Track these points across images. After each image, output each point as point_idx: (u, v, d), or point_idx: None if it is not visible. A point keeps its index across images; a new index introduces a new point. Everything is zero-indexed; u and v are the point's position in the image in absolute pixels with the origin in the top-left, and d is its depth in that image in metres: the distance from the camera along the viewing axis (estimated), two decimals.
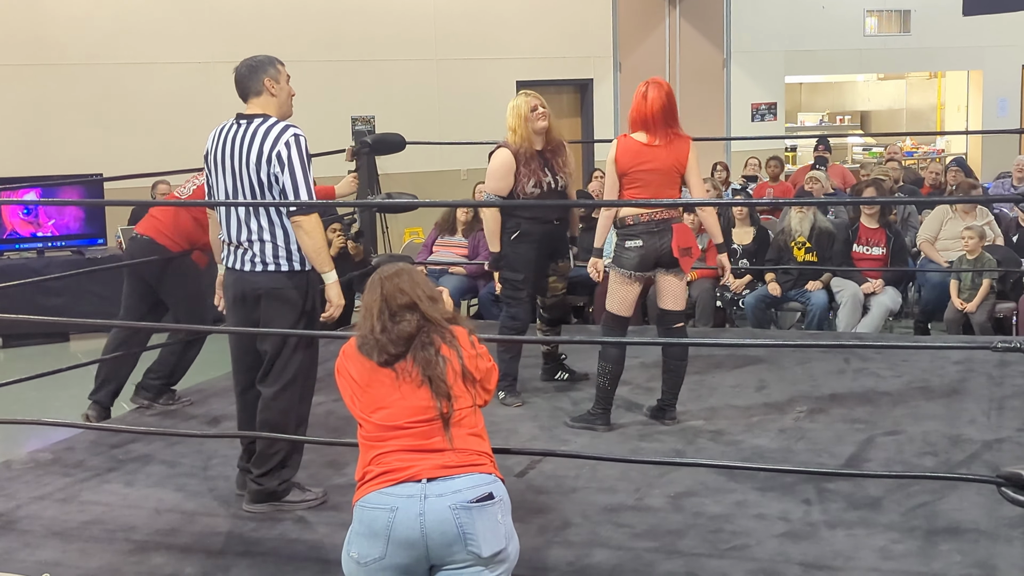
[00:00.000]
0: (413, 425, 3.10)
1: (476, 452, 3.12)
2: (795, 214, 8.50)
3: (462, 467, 3.06)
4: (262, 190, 4.41)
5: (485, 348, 3.32)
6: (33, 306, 8.04)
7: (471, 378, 3.20)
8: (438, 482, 3.01)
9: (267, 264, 4.46)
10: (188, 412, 6.19)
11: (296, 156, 4.36)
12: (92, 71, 11.75)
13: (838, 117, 19.05)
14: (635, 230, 5.44)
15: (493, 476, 3.11)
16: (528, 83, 14.26)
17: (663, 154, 5.38)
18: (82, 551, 4.27)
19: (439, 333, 3.20)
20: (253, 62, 4.55)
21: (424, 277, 3.32)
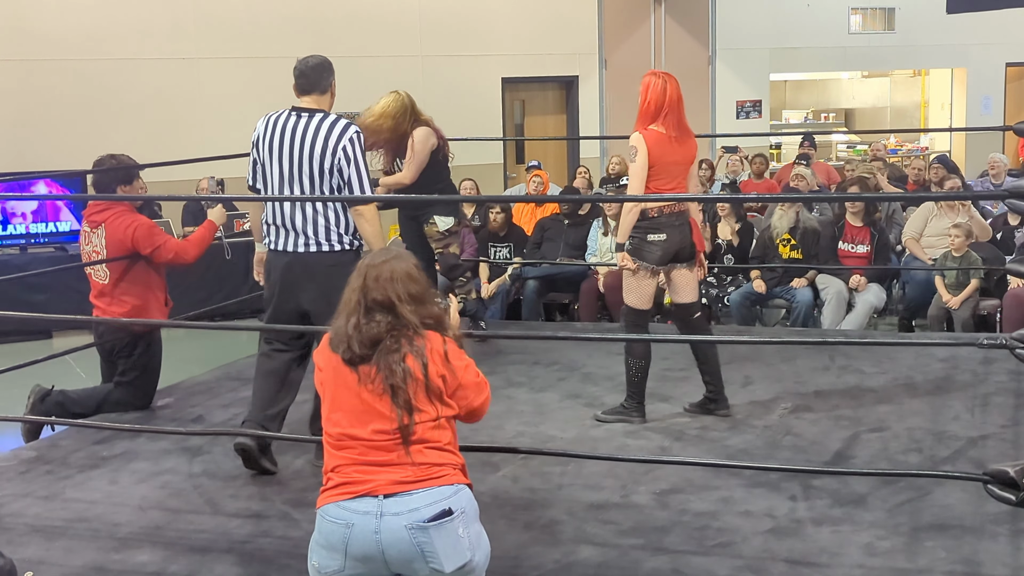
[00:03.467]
0: (372, 437, 2.96)
1: (436, 464, 2.98)
2: (778, 210, 8.51)
3: (420, 482, 2.93)
4: (321, 178, 4.76)
5: (468, 361, 3.11)
6: (15, 303, 8.01)
7: (436, 392, 2.99)
8: (395, 499, 2.91)
9: (321, 245, 4.82)
10: (172, 410, 6.16)
11: (359, 152, 4.80)
12: (76, 66, 11.69)
13: (823, 115, 19.10)
14: (658, 223, 5.39)
15: (455, 487, 2.98)
16: (513, 80, 14.27)
17: (680, 147, 5.38)
18: (66, 549, 4.25)
19: (407, 339, 2.99)
20: (324, 61, 4.92)
21: (414, 271, 3.09)
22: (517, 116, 14.83)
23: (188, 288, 9.67)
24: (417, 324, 3.01)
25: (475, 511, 3.05)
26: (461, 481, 3.03)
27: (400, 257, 3.12)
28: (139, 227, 5.88)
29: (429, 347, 3.01)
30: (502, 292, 8.84)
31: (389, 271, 3.05)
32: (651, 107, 5.35)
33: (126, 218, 5.89)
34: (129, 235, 5.85)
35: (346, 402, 3.01)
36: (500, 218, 9.17)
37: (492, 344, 7.30)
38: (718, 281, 8.88)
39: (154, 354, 6.11)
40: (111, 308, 5.95)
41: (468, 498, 3.02)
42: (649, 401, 5.94)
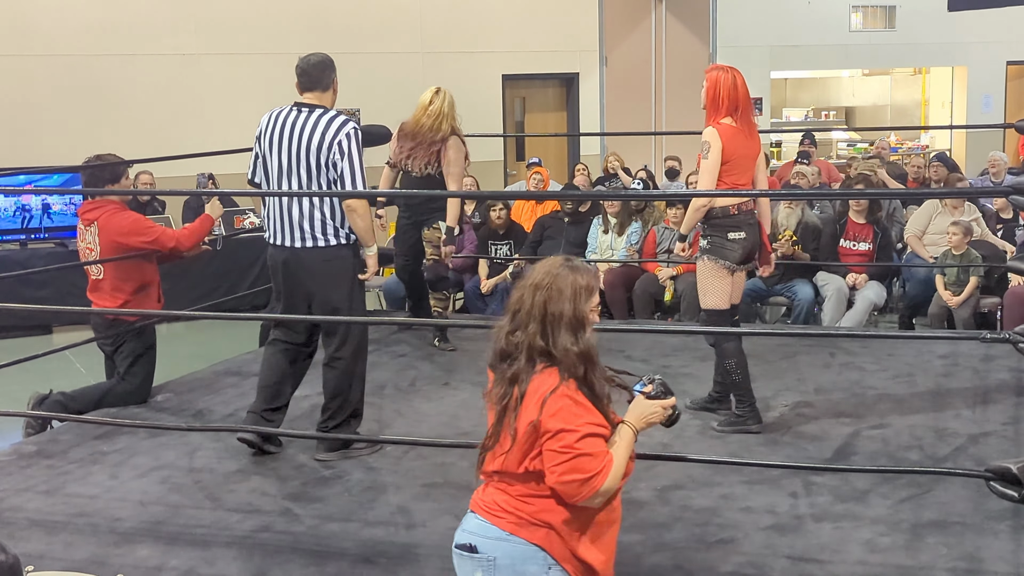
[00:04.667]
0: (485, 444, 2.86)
1: (500, 503, 2.79)
2: (783, 209, 8.50)
3: (483, 509, 2.83)
4: (318, 172, 4.82)
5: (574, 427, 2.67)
6: (16, 298, 8.00)
7: (513, 433, 2.72)
8: (468, 515, 2.88)
9: (317, 240, 4.89)
10: (172, 405, 6.15)
11: (355, 147, 4.83)
12: (75, 62, 11.69)
13: (823, 113, 19.08)
14: (738, 220, 5.23)
15: (504, 535, 2.76)
16: (514, 77, 14.27)
17: (750, 140, 5.26)
18: (67, 543, 4.24)
19: (529, 366, 2.74)
20: (325, 58, 4.99)
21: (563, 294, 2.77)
22: (517, 113, 14.82)
23: (187, 285, 9.68)
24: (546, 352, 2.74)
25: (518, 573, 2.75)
26: (517, 534, 2.76)
27: (583, 271, 2.84)
28: (132, 222, 5.96)
29: (536, 384, 2.73)
30: (502, 289, 8.83)
31: (543, 292, 2.78)
32: (725, 101, 5.19)
33: (118, 215, 5.96)
34: (123, 230, 5.90)
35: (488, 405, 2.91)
36: (502, 215, 9.16)
37: None
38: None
39: (147, 347, 6.11)
40: (103, 303, 6.00)
41: (510, 554, 2.75)
42: None
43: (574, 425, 2.67)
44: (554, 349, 2.73)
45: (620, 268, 8.74)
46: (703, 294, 5.37)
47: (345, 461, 5.04)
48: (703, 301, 5.39)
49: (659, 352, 6.89)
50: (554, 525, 2.74)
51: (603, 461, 2.69)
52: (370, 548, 4.11)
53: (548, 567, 2.74)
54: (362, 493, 4.67)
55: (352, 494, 4.66)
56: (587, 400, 2.73)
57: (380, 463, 5.02)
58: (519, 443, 2.71)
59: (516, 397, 2.72)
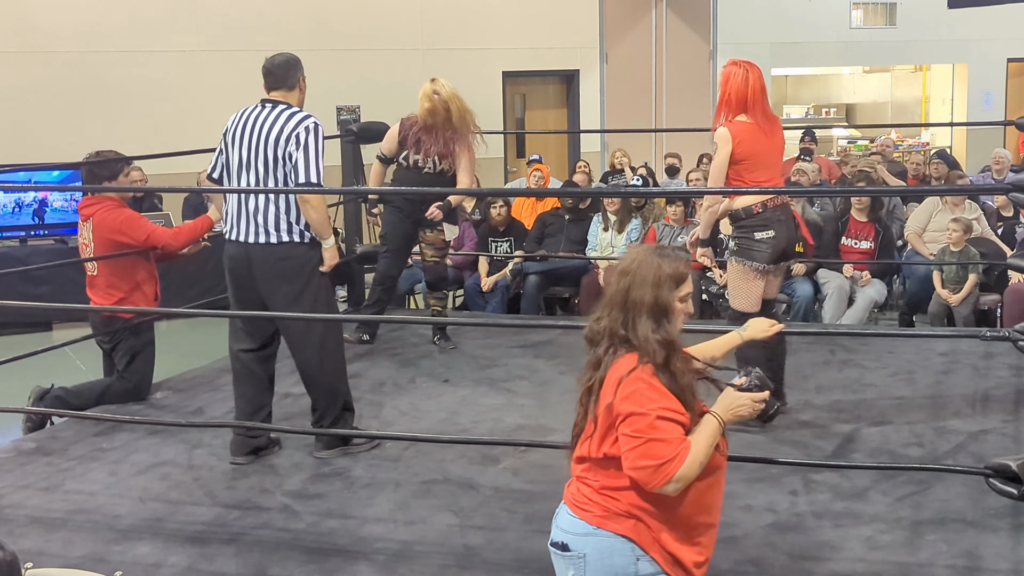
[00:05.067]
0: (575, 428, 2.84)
1: (588, 497, 2.73)
2: None
3: (572, 504, 2.77)
4: (275, 165, 4.78)
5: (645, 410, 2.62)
6: (16, 295, 7.98)
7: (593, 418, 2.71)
8: (560, 510, 2.83)
9: (270, 235, 4.81)
10: (172, 402, 6.15)
11: (312, 139, 4.77)
12: (75, 59, 11.68)
13: (823, 110, 19.08)
14: (765, 219, 5.08)
15: (590, 528, 2.70)
16: (514, 73, 14.26)
17: (770, 136, 5.12)
18: (66, 540, 4.24)
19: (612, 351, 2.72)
20: (290, 58, 4.99)
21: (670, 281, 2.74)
22: (518, 110, 14.81)
23: (186, 282, 9.66)
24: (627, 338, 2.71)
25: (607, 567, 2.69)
26: (603, 527, 2.70)
27: (671, 258, 2.78)
28: (126, 220, 5.97)
29: (615, 368, 2.70)
30: (502, 287, 8.83)
31: (625, 280, 2.74)
32: (733, 98, 5.07)
33: (113, 212, 5.97)
34: (116, 227, 5.92)
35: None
36: (502, 213, 9.15)
37: (494, 337, 7.29)
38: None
39: (145, 344, 6.11)
40: (98, 300, 6.01)
41: (598, 548, 2.69)
42: None
43: (645, 408, 2.62)
44: (633, 336, 2.69)
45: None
46: (732, 296, 5.29)
47: (344, 458, 5.03)
48: (732, 303, 5.30)
49: None
50: (641, 516, 2.68)
51: (677, 447, 2.60)
52: (369, 545, 4.11)
53: (636, 558, 2.68)
54: (361, 490, 4.67)
55: (351, 491, 4.66)
56: (663, 385, 2.66)
57: (379, 460, 5.02)
58: (600, 427, 2.69)
59: (597, 381, 2.70)
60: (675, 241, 8.77)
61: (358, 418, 5.31)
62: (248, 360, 5.05)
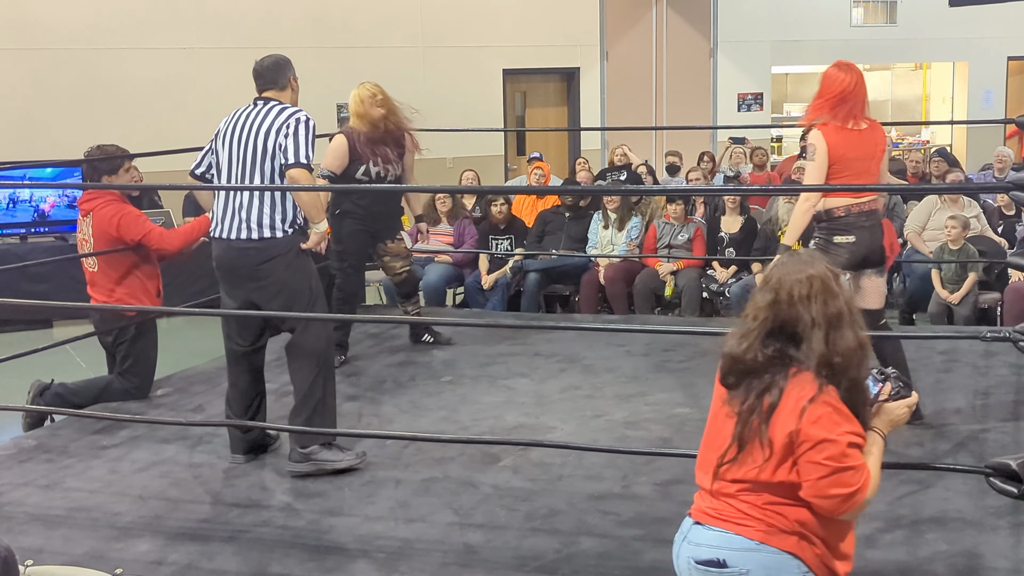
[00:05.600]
0: (709, 459, 2.73)
1: (745, 512, 2.64)
2: (783, 204, 8.49)
3: (720, 520, 2.67)
4: (263, 158, 4.74)
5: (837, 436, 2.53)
6: (16, 292, 8.00)
7: (769, 444, 2.58)
8: (697, 528, 2.72)
9: (252, 231, 4.73)
10: (172, 399, 6.15)
11: (303, 129, 4.74)
12: (76, 56, 11.68)
13: None
14: (845, 223, 4.95)
15: (753, 544, 2.62)
16: (514, 71, 14.26)
17: (867, 140, 4.99)
18: (66, 538, 4.24)
19: (782, 375, 2.59)
20: (279, 59, 4.97)
21: (833, 284, 2.63)
22: (518, 108, 14.81)
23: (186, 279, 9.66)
24: (805, 361, 2.59)
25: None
26: (768, 542, 2.62)
27: (815, 264, 2.67)
28: (124, 216, 5.91)
29: (791, 391, 2.58)
30: (502, 284, 8.83)
31: (808, 286, 2.61)
32: (830, 100, 4.97)
33: (112, 208, 5.92)
34: (114, 224, 5.88)
35: (710, 414, 2.80)
36: (503, 210, 9.15)
37: (494, 335, 7.29)
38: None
39: (148, 340, 6.10)
40: (99, 297, 5.98)
41: (765, 564, 2.61)
42: (650, 392, 5.95)
43: (835, 435, 2.53)
44: (808, 355, 2.58)
45: (620, 263, 8.73)
46: None
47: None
48: None
49: (659, 346, 6.88)
50: (805, 533, 2.62)
51: (864, 474, 2.56)
52: (369, 543, 4.11)
53: (803, 574, 2.64)
54: (361, 488, 4.67)
55: (351, 489, 4.66)
56: (846, 408, 2.58)
57: (379, 458, 5.01)
58: (776, 454, 2.58)
59: (767, 407, 2.58)
60: (675, 239, 8.77)
61: (358, 416, 5.31)
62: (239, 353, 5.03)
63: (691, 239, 8.77)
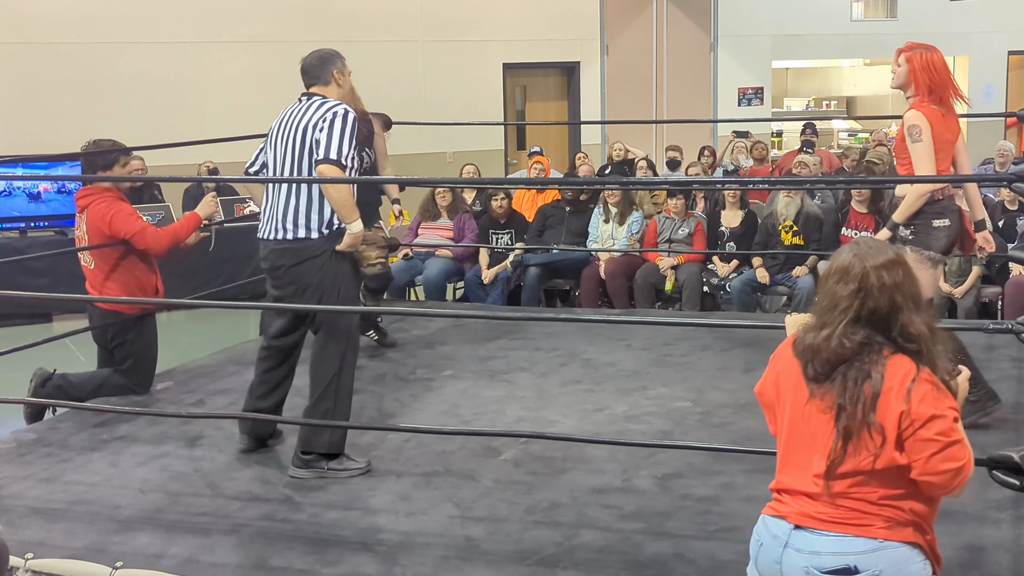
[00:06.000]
0: (801, 458, 2.63)
1: (861, 511, 2.56)
2: (783, 198, 8.49)
3: (833, 523, 2.57)
4: (302, 155, 4.67)
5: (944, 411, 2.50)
6: (15, 286, 7.97)
7: (879, 430, 2.51)
8: (802, 533, 2.59)
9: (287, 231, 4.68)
10: (173, 392, 6.15)
11: (339, 123, 4.63)
12: (74, 50, 11.66)
13: (824, 102, 19.05)
14: (943, 207, 4.93)
15: (877, 543, 2.55)
16: (514, 65, 14.24)
17: (953, 122, 4.97)
18: (66, 531, 4.24)
19: (875, 360, 2.54)
20: (324, 54, 4.90)
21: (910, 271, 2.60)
22: (518, 102, 14.79)
23: (186, 274, 9.66)
24: (896, 343, 2.56)
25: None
26: (892, 538, 2.56)
27: (892, 249, 2.65)
28: (116, 214, 5.84)
29: (892, 374, 2.53)
30: (503, 279, 8.82)
31: (895, 273, 2.57)
32: (930, 82, 4.93)
33: (105, 204, 5.86)
34: (107, 221, 5.82)
35: (792, 411, 2.68)
36: (503, 204, 9.14)
37: (494, 329, 7.29)
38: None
39: (148, 339, 6.08)
40: (96, 294, 5.94)
41: (894, 561, 2.55)
42: (651, 386, 5.95)
43: (942, 411, 2.51)
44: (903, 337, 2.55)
45: (621, 257, 8.72)
46: None
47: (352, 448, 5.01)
48: None
49: (660, 341, 6.88)
50: (918, 521, 2.60)
51: (968, 448, 2.54)
52: (370, 536, 4.11)
53: (924, 563, 2.60)
54: (362, 481, 4.66)
55: (353, 482, 4.65)
56: (943, 384, 2.57)
57: (380, 451, 5.01)
58: (889, 439, 2.53)
59: (870, 394, 2.53)
60: (676, 234, 8.77)
61: (360, 410, 5.30)
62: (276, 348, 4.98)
63: (691, 233, 8.77)
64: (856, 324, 2.56)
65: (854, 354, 2.55)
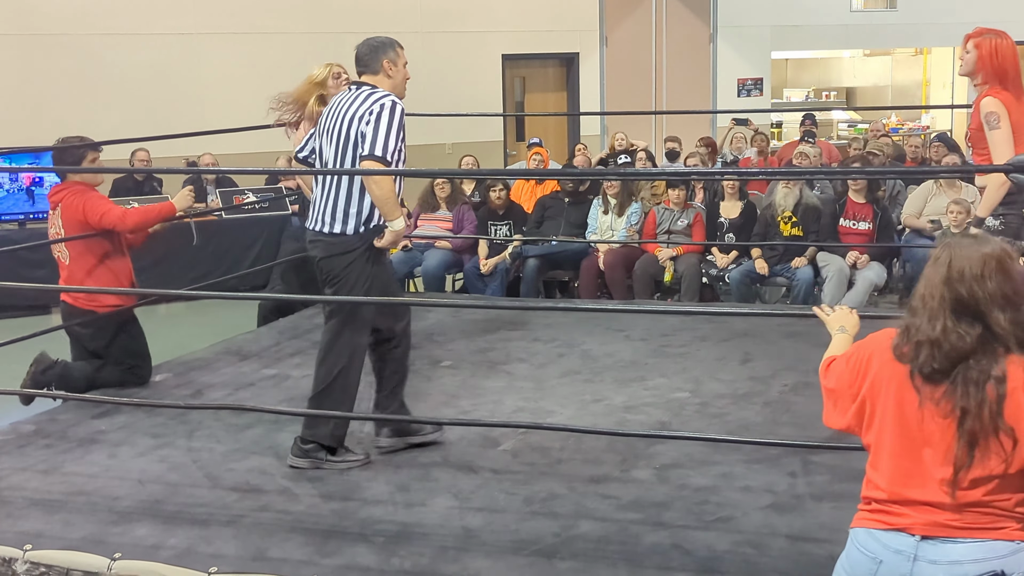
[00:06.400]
0: (919, 466, 2.52)
1: (993, 514, 2.48)
2: (782, 189, 8.48)
3: (966, 529, 2.47)
4: (346, 146, 4.60)
5: None
6: (14, 277, 7.96)
7: (1009, 432, 2.43)
8: (933, 544, 2.48)
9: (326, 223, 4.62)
10: (172, 384, 6.15)
11: (386, 115, 4.51)
12: (75, 41, 11.65)
13: (824, 93, 19.03)
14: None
15: (1015, 545, 2.47)
16: (514, 56, 14.23)
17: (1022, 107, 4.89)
18: (65, 522, 4.24)
19: (995, 359, 2.45)
20: (375, 42, 4.79)
21: (1008, 263, 2.50)
22: (517, 93, 14.78)
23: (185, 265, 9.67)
24: (1009, 340, 2.47)
25: None
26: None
27: (989, 242, 2.56)
28: (88, 200, 5.87)
29: (1013, 374, 2.45)
30: (501, 270, 8.82)
31: (980, 263, 2.49)
32: (998, 68, 4.82)
33: (78, 195, 5.88)
34: (80, 208, 5.83)
35: (897, 417, 2.56)
36: (502, 196, 9.13)
37: (493, 320, 7.29)
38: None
39: (131, 334, 6.07)
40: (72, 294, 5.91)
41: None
42: (649, 377, 5.95)
43: None
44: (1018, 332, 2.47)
45: (620, 249, 8.72)
46: None
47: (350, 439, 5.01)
48: None
49: (658, 332, 6.88)
50: None
51: None
52: (368, 527, 4.11)
53: None
54: (361, 472, 4.67)
55: (351, 473, 4.66)
56: None
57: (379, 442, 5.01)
58: (1020, 441, 2.44)
59: (995, 397, 2.44)
60: (675, 225, 8.76)
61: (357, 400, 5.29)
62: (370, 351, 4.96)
63: (691, 224, 8.76)
64: (958, 316, 2.48)
65: (972, 351, 2.47)
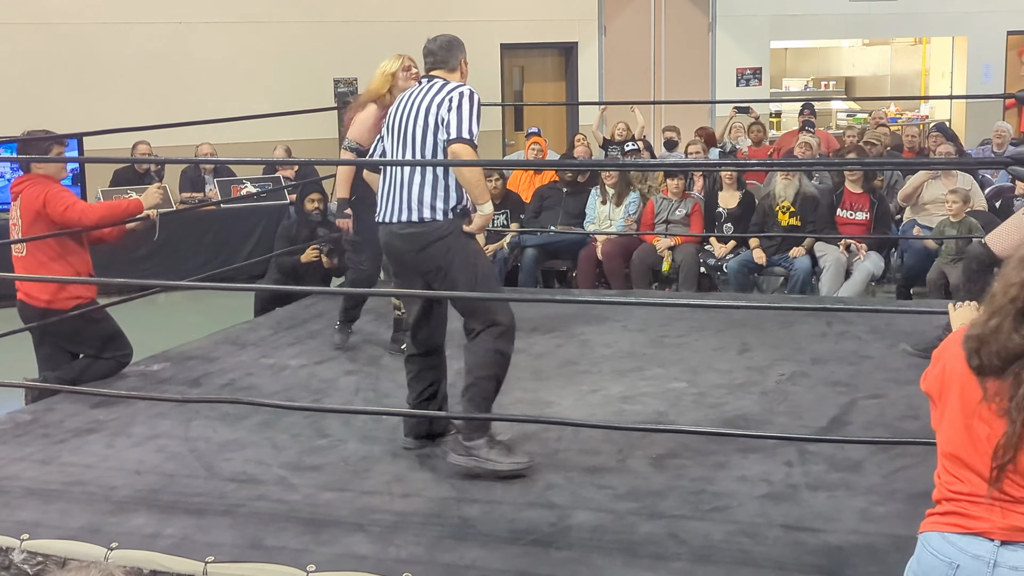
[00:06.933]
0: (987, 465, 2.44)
1: None
2: (780, 179, 8.48)
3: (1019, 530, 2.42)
4: (425, 134, 4.55)
5: None
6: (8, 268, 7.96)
7: None
8: (1013, 549, 2.40)
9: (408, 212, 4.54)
10: (169, 374, 6.15)
11: (467, 102, 4.51)
12: (70, 30, 11.63)
13: (823, 83, 19.00)
14: None
15: None
16: (512, 46, 14.20)
17: None
18: (62, 511, 4.24)
19: None
20: (451, 39, 4.82)
21: None
22: (516, 83, 14.76)
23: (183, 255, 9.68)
24: None
25: None
26: None
27: None
28: (49, 191, 5.77)
29: None
30: (499, 260, 8.82)
31: None
32: None
33: (39, 186, 5.78)
34: (40, 199, 5.73)
35: (961, 416, 2.51)
36: (498, 185, 9.13)
37: None
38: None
39: (100, 323, 6.00)
40: (26, 285, 5.83)
41: None
42: (647, 367, 5.95)
43: None
44: None
45: (618, 239, 8.72)
46: None
47: (348, 429, 5.02)
48: None
49: (655, 322, 6.88)
50: None
51: None
52: (365, 516, 4.11)
53: None
54: (358, 462, 4.67)
55: (348, 463, 4.66)
56: None
57: (375, 432, 5.02)
58: None
59: None
60: (673, 214, 8.76)
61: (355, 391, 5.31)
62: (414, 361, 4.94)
63: (689, 214, 8.76)
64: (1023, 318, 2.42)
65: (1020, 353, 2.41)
